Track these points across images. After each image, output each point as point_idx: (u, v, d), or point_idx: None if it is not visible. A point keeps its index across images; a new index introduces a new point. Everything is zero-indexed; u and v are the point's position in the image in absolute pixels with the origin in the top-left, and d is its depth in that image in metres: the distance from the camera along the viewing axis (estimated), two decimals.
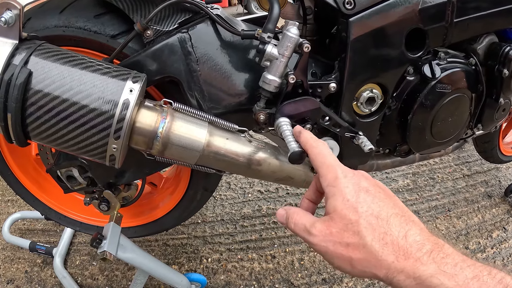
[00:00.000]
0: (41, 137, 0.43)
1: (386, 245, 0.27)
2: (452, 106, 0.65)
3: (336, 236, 0.29)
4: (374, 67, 0.57)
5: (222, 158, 0.49)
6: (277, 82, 0.50)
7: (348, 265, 0.29)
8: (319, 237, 0.29)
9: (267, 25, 0.49)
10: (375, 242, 0.27)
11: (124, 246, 0.67)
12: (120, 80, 0.43)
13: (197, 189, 0.71)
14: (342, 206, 0.29)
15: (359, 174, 0.32)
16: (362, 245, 0.27)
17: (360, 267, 0.28)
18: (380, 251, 0.27)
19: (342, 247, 0.28)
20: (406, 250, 0.27)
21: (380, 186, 0.32)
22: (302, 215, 0.32)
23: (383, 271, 0.27)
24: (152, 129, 0.45)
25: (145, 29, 0.50)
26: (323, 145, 0.36)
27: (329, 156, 0.34)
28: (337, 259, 0.29)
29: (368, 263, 0.28)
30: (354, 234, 0.28)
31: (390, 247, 0.27)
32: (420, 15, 0.56)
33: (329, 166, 0.32)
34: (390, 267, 0.27)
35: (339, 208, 0.29)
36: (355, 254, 0.28)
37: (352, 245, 0.28)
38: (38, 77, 0.40)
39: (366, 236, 0.27)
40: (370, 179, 0.32)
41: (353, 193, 0.29)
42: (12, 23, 0.39)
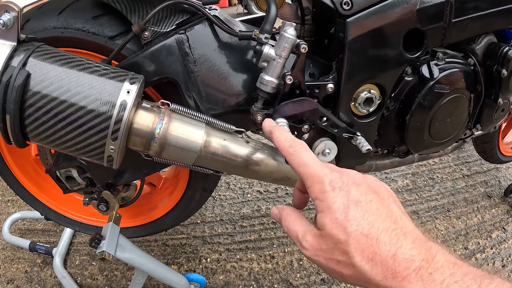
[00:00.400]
0: (40, 138, 0.43)
1: (375, 265, 0.27)
2: (450, 106, 0.65)
3: (326, 253, 0.29)
4: (372, 67, 0.57)
5: (220, 158, 0.49)
6: (274, 83, 0.50)
7: (340, 277, 0.30)
8: (311, 251, 0.30)
9: (264, 26, 0.49)
10: (364, 262, 0.28)
11: (123, 246, 0.67)
12: (118, 81, 0.43)
13: (196, 190, 0.72)
14: (331, 226, 0.29)
15: (348, 181, 0.30)
16: (352, 264, 0.28)
17: (351, 281, 0.29)
18: (369, 271, 0.27)
19: (333, 263, 0.29)
20: (394, 269, 0.27)
21: (372, 188, 0.31)
22: (294, 220, 0.32)
23: (378, 277, 0.28)
24: (149, 130, 0.45)
25: (143, 30, 0.50)
26: (301, 149, 0.33)
27: (311, 163, 0.31)
28: (329, 271, 0.30)
29: (358, 281, 0.28)
30: (344, 254, 0.28)
31: (379, 267, 0.27)
32: (418, 15, 0.56)
33: (314, 177, 0.30)
34: (379, 285, 0.27)
35: (328, 228, 0.29)
36: (346, 271, 0.29)
37: (342, 263, 0.29)
38: (36, 79, 0.40)
39: (355, 256, 0.28)
40: (361, 185, 0.30)
41: (342, 209, 0.29)
42: (11, 25, 0.40)
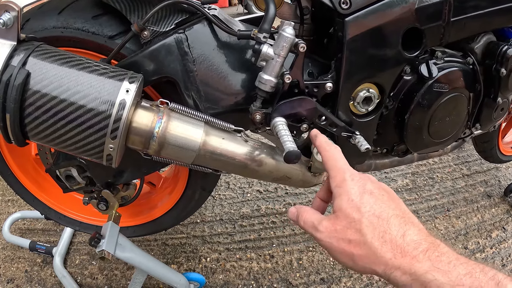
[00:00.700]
0: (39, 137, 0.43)
1: (385, 243, 0.29)
2: (449, 105, 0.65)
3: (340, 233, 0.31)
4: (371, 66, 0.57)
5: (219, 157, 0.49)
6: (273, 82, 0.50)
7: (350, 260, 0.31)
8: (325, 233, 0.32)
9: (262, 26, 0.49)
10: (375, 240, 0.29)
11: (123, 245, 0.67)
12: (117, 80, 0.43)
13: (195, 189, 0.72)
14: (347, 206, 0.32)
15: (365, 177, 0.34)
16: (363, 242, 0.30)
17: (361, 263, 0.30)
18: (379, 248, 0.29)
19: (345, 243, 0.31)
20: (403, 248, 0.29)
21: (385, 189, 0.34)
22: (311, 213, 0.35)
23: (381, 267, 0.29)
24: (148, 129, 0.46)
25: (142, 30, 0.50)
26: (336, 149, 0.38)
27: (340, 159, 0.36)
28: (340, 254, 0.31)
29: (368, 259, 0.30)
30: (356, 232, 0.30)
31: (388, 245, 0.29)
32: (417, 14, 0.56)
33: (339, 169, 0.35)
34: (388, 263, 0.29)
35: (344, 207, 0.32)
36: (357, 250, 0.30)
37: (354, 242, 0.30)
38: (36, 78, 0.41)
39: (367, 234, 0.30)
40: (375, 183, 0.34)
41: (357, 194, 0.32)
42: (11, 25, 0.40)
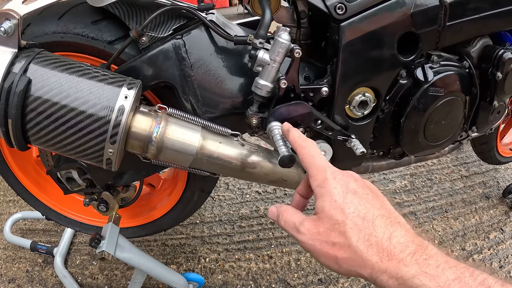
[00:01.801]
0: (40, 142, 0.44)
1: (370, 246, 0.28)
2: (445, 109, 0.65)
3: (323, 235, 0.29)
4: (366, 71, 0.58)
5: (215, 161, 0.50)
6: (269, 87, 0.51)
7: (334, 263, 0.29)
8: (307, 236, 0.30)
9: (258, 31, 0.50)
10: (360, 243, 0.28)
11: (122, 246, 0.68)
12: (116, 87, 0.44)
13: (194, 191, 0.73)
14: (330, 207, 0.30)
15: (348, 175, 0.32)
16: (348, 245, 0.28)
17: (345, 266, 0.29)
18: (365, 251, 0.28)
19: (328, 246, 0.29)
20: (390, 251, 0.27)
21: (369, 186, 0.32)
22: (292, 213, 0.33)
23: (367, 271, 0.28)
24: (147, 134, 0.47)
25: (141, 36, 0.51)
26: (312, 145, 0.36)
27: (318, 156, 0.34)
28: (323, 257, 0.30)
29: (353, 263, 0.28)
30: (340, 234, 0.29)
31: (374, 248, 0.28)
32: (412, 19, 0.57)
33: (319, 167, 0.33)
34: (374, 267, 0.28)
35: (326, 209, 0.30)
36: (341, 254, 0.29)
37: (338, 245, 0.29)
38: (37, 85, 0.42)
39: (351, 237, 0.28)
40: (359, 180, 0.32)
41: (341, 194, 0.30)
42: (11, 33, 0.41)
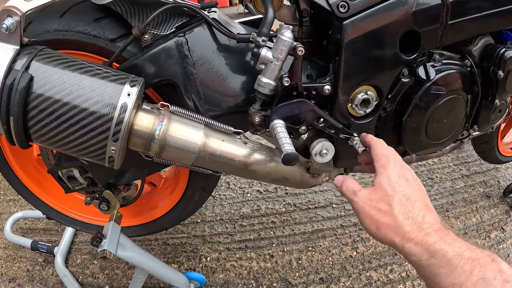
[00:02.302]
0: (42, 140, 0.44)
1: (407, 218, 0.35)
2: (447, 107, 0.65)
3: (373, 202, 0.37)
4: (368, 69, 0.57)
5: (218, 159, 0.50)
6: (271, 85, 0.51)
7: (375, 227, 0.37)
8: (361, 199, 0.39)
9: (261, 29, 0.50)
10: (400, 214, 0.36)
11: (124, 245, 0.68)
12: (118, 84, 0.44)
13: (196, 190, 0.73)
14: (385, 183, 0.38)
15: (406, 167, 0.41)
16: (390, 213, 0.36)
17: (383, 230, 0.36)
18: (402, 221, 0.35)
19: (375, 211, 0.37)
20: (420, 226, 0.35)
21: (418, 181, 0.40)
22: (354, 182, 0.42)
23: (399, 238, 0.35)
24: (149, 132, 0.46)
25: (143, 34, 0.51)
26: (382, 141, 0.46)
27: (386, 147, 0.44)
28: (368, 219, 0.37)
29: (390, 229, 0.35)
30: (387, 204, 0.37)
31: (409, 221, 0.35)
32: (414, 17, 0.57)
33: (384, 154, 0.42)
34: (405, 235, 0.34)
35: (382, 184, 0.38)
36: (383, 219, 0.36)
37: (383, 211, 0.36)
38: (39, 82, 0.41)
39: (395, 208, 0.36)
40: (413, 174, 0.40)
41: (396, 177, 0.38)
42: (13, 30, 0.41)
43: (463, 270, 0.30)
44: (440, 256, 0.32)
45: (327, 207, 1.11)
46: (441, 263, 0.32)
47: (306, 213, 1.08)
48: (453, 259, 0.31)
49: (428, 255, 0.33)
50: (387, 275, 0.91)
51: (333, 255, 0.96)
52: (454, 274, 0.31)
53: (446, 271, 0.31)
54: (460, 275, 0.30)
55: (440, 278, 0.31)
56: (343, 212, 1.09)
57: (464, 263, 0.31)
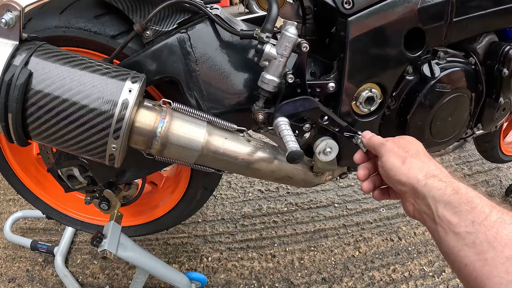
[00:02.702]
0: (41, 137, 0.43)
1: (430, 159, 0.39)
2: (451, 105, 0.65)
3: (401, 145, 0.41)
4: (373, 67, 0.57)
5: (221, 157, 0.49)
6: (275, 82, 0.50)
7: (401, 162, 0.39)
8: (390, 142, 0.42)
9: (265, 25, 0.49)
10: (425, 157, 0.40)
11: (124, 245, 0.67)
12: (119, 80, 0.43)
13: (197, 189, 0.72)
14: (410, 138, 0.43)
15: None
16: (417, 154, 0.40)
17: (408, 165, 0.39)
18: (427, 161, 0.39)
19: (403, 151, 0.41)
20: (442, 169, 0.38)
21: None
22: (379, 137, 0.45)
23: (423, 173, 0.37)
24: (151, 129, 0.46)
25: (145, 30, 0.50)
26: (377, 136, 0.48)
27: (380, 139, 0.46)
28: (394, 156, 0.40)
29: (416, 165, 0.38)
30: (413, 148, 0.41)
31: (433, 162, 0.39)
32: (419, 14, 0.56)
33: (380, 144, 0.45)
34: (429, 172, 0.37)
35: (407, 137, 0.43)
36: (410, 156, 0.40)
37: (410, 151, 0.40)
38: (38, 78, 0.41)
39: (420, 151, 0.40)
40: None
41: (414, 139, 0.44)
42: (13, 24, 0.40)
43: (483, 210, 0.31)
44: (464, 193, 0.33)
45: (329, 206, 1.10)
46: (463, 199, 0.33)
47: (308, 212, 1.08)
48: (475, 198, 0.33)
49: (452, 190, 0.34)
50: (390, 275, 0.90)
51: (335, 255, 0.95)
52: (475, 211, 0.31)
53: (468, 208, 0.32)
54: (480, 213, 0.31)
55: (461, 215, 0.32)
56: (345, 211, 1.08)
57: (484, 204, 0.32)
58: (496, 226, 0.30)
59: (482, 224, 0.30)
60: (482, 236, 0.30)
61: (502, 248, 0.29)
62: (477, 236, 0.30)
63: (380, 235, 1.00)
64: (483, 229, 0.30)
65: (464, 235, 0.31)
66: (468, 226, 0.31)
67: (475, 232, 0.30)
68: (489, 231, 0.30)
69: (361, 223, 1.04)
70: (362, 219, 1.05)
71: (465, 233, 0.31)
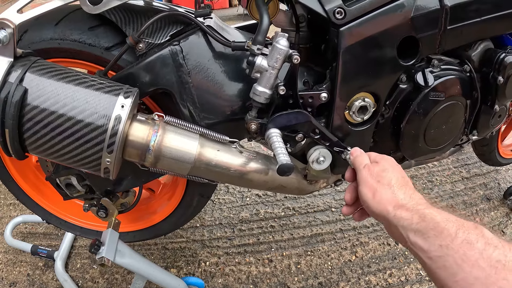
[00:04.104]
0: (38, 151, 0.44)
1: (401, 190, 0.40)
2: (446, 113, 0.65)
3: (375, 174, 0.43)
4: (366, 76, 0.57)
5: (214, 169, 0.50)
6: (267, 94, 0.50)
7: (372, 193, 0.41)
8: (366, 170, 0.44)
9: (256, 37, 0.49)
10: (396, 186, 0.41)
11: (122, 251, 0.68)
12: (112, 95, 0.44)
13: (194, 195, 0.72)
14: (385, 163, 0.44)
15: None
16: (387, 184, 0.41)
17: (378, 198, 0.40)
18: (396, 191, 0.40)
19: (374, 181, 0.42)
20: (412, 197, 0.39)
21: None
22: (366, 157, 0.47)
23: (392, 205, 0.39)
24: (144, 142, 0.46)
25: (137, 42, 0.50)
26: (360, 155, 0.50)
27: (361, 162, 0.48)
28: (367, 187, 0.42)
29: (385, 196, 0.40)
30: (387, 176, 0.42)
31: (403, 192, 0.40)
32: (412, 23, 0.56)
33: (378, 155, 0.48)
34: (398, 203, 0.39)
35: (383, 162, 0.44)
36: (380, 188, 0.41)
37: (381, 181, 0.42)
38: (34, 94, 0.41)
39: (392, 180, 0.41)
40: None
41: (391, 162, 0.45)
42: (7, 42, 0.41)
43: (449, 233, 0.33)
44: (429, 219, 0.34)
45: (326, 211, 1.11)
46: (430, 225, 0.34)
47: (305, 217, 1.08)
48: (441, 222, 0.34)
49: (418, 218, 0.35)
50: (386, 280, 0.91)
51: (332, 260, 0.96)
52: (442, 236, 0.33)
53: (435, 233, 0.33)
54: (447, 237, 0.32)
55: (429, 240, 0.33)
56: (342, 216, 1.08)
57: (451, 226, 0.33)
58: (463, 248, 0.31)
59: (449, 247, 0.31)
60: (451, 259, 0.31)
61: (470, 269, 0.29)
62: (446, 259, 0.31)
63: (377, 240, 1.01)
64: (451, 252, 0.31)
65: (436, 259, 0.32)
66: (438, 251, 0.32)
67: (444, 256, 0.31)
68: (456, 254, 0.31)
69: (358, 227, 1.04)
70: (359, 223, 1.05)
71: (436, 257, 0.32)
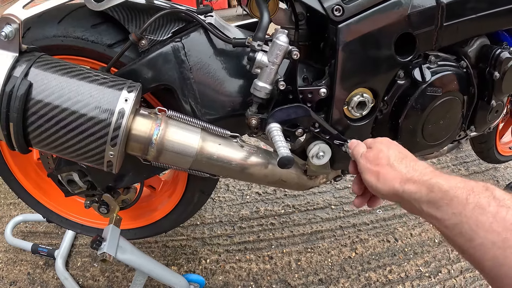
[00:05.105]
0: (42, 145, 0.45)
1: (402, 163, 0.40)
2: (443, 109, 0.66)
3: (372, 159, 0.43)
4: (364, 72, 0.58)
5: (215, 163, 0.51)
6: (267, 89, 0.51)
7: (375, 177, 0.41)
8: (363, 159, 0.44)
9: (257, 34, 0.50)
10: (396, 162, 0.40)
11: (123, 247, 0.69)
12: (116, 90, 0.44)
13: (194, 192, 0.73)
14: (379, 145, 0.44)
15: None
16: (387, 163, 0.41)
17: (382, 179, 0.40)
18: (398, 166, 0.40)
19: (373, 165, 0.42)
20: (414, 168, 0.39)
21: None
22: (363, 147, 0.47)
23: (397, 181, 0.38)
24: (147, 136, 0.47)
25: (140, 39, 0.51)
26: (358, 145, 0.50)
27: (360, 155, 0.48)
28: (368, 173, 0.42)
29: (389, 175, 0.39)
30: (383, 158, 0.42)
31: (404, 165, 0.40)
32: (409, 20, 0.57)
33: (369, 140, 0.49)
34: (403, 177, 0.38)
35: (377, 144, 0.44)
36: (381, 169, 0.41)
37: (380, 163, 0.41)
38: (38, 88, 0.42)
39: (390, 158, 0.41)
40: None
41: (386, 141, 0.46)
42: (12, 37, 0.41)
43: (460, 200, 0.32)
44: (437, 189, 0.34)
45: (326, 208, 1.11)
46: (439, 195, 0.33)
47: (305, 214, 1.09)
48: (450, 191, 0.33)
49: (426, 190, 0.34)
50: (386, 276, 0.91)
51: (332, 256, 0.96)
52: (452, 204, 0.32)
53: (446, 202, 0.33)
54: (458, 204, 0.32)
55: (442, 209, 0.33)
56: (342, 213, 1.09)
57: (460, 192, 0.32)
58: (475, 213, 0.31)
59: (462, 214, 0.31)
60: (466, 226, 0.31)
61: (485, 234, 0.30)
62: (462, 226, 0.31)
63: (376, 236, 1.01)
64: (464, 219, 0.31)
65: (452, 227, 0.32)
66: (452, 219, 0.32)
67: (459, 223, 0.31)
68: (470, 220, 0.31)
69: (357, 224, 1.05)
70: (359, 220, 1.06)
71: (451, 225, 0.32)
